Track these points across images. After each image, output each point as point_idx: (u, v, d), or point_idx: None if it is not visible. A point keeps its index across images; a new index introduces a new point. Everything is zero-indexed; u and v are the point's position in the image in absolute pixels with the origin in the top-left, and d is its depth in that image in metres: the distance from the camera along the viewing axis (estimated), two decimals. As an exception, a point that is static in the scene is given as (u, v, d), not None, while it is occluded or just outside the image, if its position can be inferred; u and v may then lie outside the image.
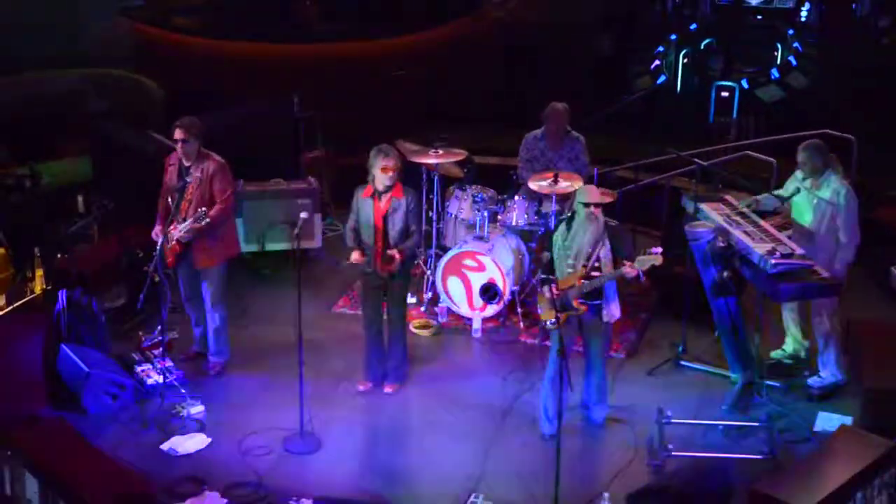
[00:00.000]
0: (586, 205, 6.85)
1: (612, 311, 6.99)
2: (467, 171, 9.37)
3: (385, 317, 7.67)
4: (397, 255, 7.30)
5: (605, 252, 6.83)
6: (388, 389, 7.70)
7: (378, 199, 7.36)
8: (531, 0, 13.56)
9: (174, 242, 7.52)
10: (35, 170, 10.03)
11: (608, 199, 7.36)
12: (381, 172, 7.26)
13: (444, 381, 7.94)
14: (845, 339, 7.72)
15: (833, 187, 7.37)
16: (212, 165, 7.51)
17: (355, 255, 7.39)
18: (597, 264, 6.83)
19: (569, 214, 7.17)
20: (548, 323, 7.01)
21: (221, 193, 7.54)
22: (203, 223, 7.33)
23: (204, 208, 7.36)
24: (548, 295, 6.88)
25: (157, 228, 7.57)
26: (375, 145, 7.40)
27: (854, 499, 6.00)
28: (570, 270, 6.89)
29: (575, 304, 6.85)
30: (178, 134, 7.44)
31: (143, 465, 6.74)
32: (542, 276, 7.06)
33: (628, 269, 6.68)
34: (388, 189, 7.32)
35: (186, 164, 7.52)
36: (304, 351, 6.95)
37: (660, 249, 6.65)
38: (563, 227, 7.03)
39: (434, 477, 6.79)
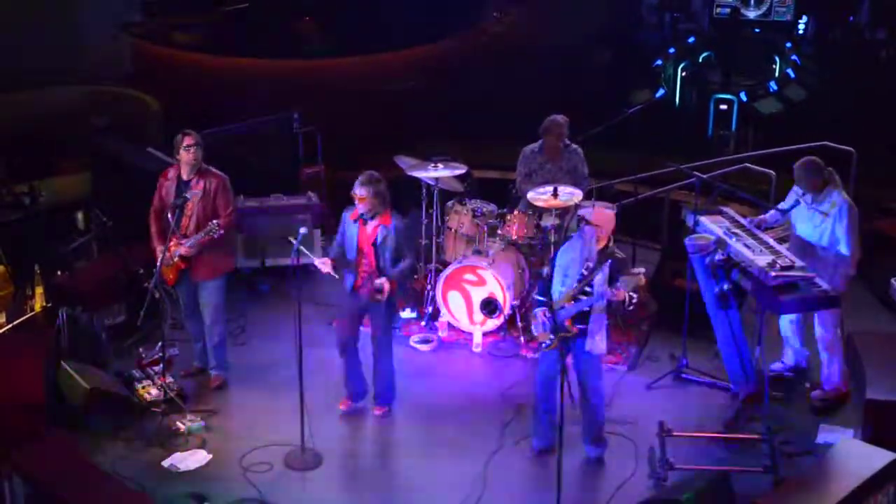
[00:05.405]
0: (580, 220, 6.73)
1: (597, 343, 6.69)
2: (467, 186, 9.37)
3: (370, 335, 7.53)
4: (387, 286, 7.15)
5: (601, 279, 6.53)
6: (376, 412, 7.63)
7: (364, 224, 7.26)
8: (530, 15, 13.61)
9: (177, 259, 7.52)
10: (34, 187, 10.04)
11: (599, 223, 6.68)
12: (357, 199, 7.18)
13: (444, 395, 7.93)
14: (846, 352, 7.71)
15: (833, 200, 7.35)
16: (215, 181, 7.51)
17: (324, 261, 7.25)
18: (588, 289, 6.63)
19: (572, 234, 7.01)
20: (543, 344, 6.98)
21: (225, 209, 7.54)
22: (216, 235, 7.33)
23: (216, 221, 7.35)
24: (539, 317, 6.82)
25: (160, 248, 7.49)
26: (375, 159, 7.37)
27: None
28: (562, 289, 6.73)
29: (567, 324, 6.74)
30: (188, 140, 7.42)
31: (143, 481, 6.73)
32: (537, 296, 6.94)
33: (613, 293, 6.42)
34: (373, 216, 7.20)
35: (186, 178, 7.52)
36: (304, 366, 6.94)
37: (641, 269, 6.55)
38: (564, 245, 6.90)
39: (435, 492, 6.77)
